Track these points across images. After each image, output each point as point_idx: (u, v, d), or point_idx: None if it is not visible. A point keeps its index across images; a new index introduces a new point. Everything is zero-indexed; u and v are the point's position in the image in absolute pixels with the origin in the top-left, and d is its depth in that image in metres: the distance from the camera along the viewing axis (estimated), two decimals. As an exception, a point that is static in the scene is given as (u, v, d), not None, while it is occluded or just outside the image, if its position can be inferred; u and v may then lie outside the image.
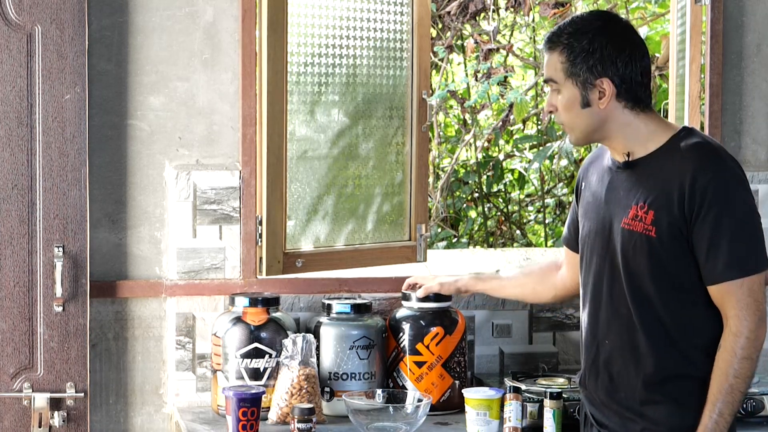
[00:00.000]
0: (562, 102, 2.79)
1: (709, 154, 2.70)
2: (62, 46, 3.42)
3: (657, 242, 2.70)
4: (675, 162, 2.71)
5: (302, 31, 3.65)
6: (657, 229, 2.70)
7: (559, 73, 2.78)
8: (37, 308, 3.45)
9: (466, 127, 6.78)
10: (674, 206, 2.68)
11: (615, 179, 2.84)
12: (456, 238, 6.87)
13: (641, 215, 2.73)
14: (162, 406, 3.62)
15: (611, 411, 2.83)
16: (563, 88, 2.78)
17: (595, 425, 2.88)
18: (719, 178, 2.66)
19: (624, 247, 2.76)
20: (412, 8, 3.85)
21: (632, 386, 2.78)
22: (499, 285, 3.43)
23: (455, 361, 3.49)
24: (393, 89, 3.86)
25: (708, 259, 2.66)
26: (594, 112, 2.77)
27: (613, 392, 2.82)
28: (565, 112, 2.80)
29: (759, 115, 3.86)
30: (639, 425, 2.77)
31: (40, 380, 3.46)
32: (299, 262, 3.64)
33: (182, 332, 3.59)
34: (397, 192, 3.89)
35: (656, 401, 2.75)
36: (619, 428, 2.81)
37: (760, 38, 3.85)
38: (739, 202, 2.67)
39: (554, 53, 2.79)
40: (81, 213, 3.45)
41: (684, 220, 2.67)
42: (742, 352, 2.64)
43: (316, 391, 3.33)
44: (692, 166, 2.67)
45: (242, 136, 3.59)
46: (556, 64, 2.78)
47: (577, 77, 2.76)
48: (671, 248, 2.70)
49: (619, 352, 2.80)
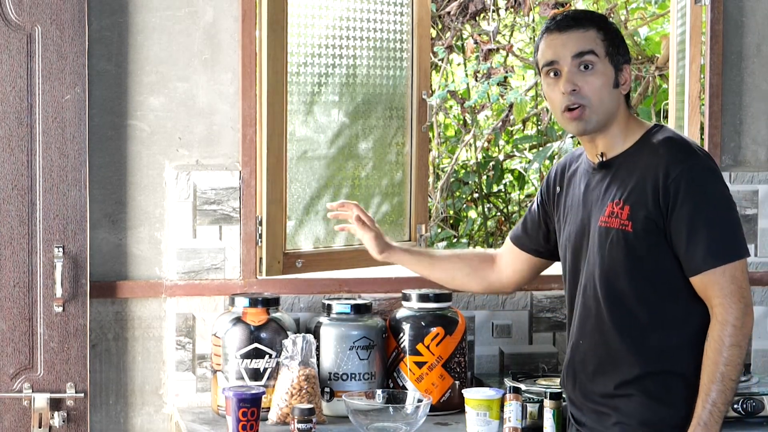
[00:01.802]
0: (598, 79, 2.75)
1: (679, 147, 2.72)
2: (62, 47, 3.42)
3: (633, 237, 2.71)
4: (648, 157, 2.73)
5: (302, 32, 3.65)
6: (633, 223, 2.71)
7: (600, 48, 2.76)
8: (37, 308, 3.45)
9: (466, 127, 6.78)
10: (649, 200, 2.69)
11: (591, 180, 2.85)
12: (456, 239, 6.87)
13: (617, 211, 2.74)
14: (162, 406, 3.62)
15: (588, 409, 2.84)
16: (601, 63, 2.76)
17: (575, 425, 2.89)
18: (691, 170, 2.67)
19: (600, 244, 2.76)
20: (412, 8, 3.85)
21: (607, 383, 2.79)
22: (429, 263, 3.27)
23: (455, 362, 3.49)
24: (393, 89, 3.86)
25: (687, 250, 2.67)
26: (618, 95, 2.79)
27: (589, 391, 2.83)
28: (599, 90, 2.76)
29: (759, 116, 3.86)
30: (612, 419, 2.78)
31: (40, 380, 3.46)
32: (299, 262, 3.64)
33: (182, 332, 3.59)
34: (397, 192, 3.89)
35: (629, 394, 2.77)
36: (595, 424, 2.82)
37: (760, 38, 3.85)
38: (713, 191, 2.69)
39: (590, 30, 2.77)
40: (81, 213, 3.45)
41: (660, 213, 2.68)
42: (730, 340, 2.64)
43: (316, 391, 3.33)
44: (664, 160, 2.69)
45: (242, 136, 3.59)
46: (596, 40, 2.76)
47: (613, 57, 2.77)
48: (647, 242, 2.70)
49: (593, 352, 2.81)
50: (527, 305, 3.80)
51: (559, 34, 2.79)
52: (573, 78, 2.76)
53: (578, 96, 2.76)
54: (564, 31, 2.78)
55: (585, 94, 2.76)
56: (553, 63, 2.78)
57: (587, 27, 2.77)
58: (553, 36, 2.80)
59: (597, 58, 2.76)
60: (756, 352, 3.87)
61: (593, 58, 2.76)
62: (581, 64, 2.76)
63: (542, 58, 2.82)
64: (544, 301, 3.81)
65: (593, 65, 2.76)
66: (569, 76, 2.76)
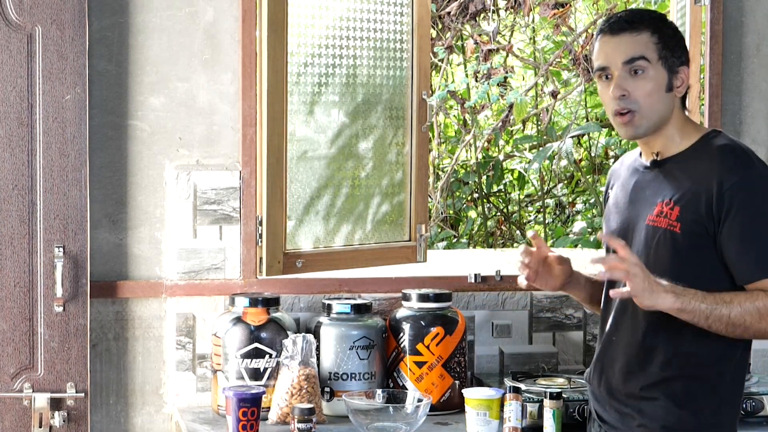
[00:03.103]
0: (649, 84, 2.71)
1: (736, 155, 2.69)
2: (62, 47, 3.43)
3: (681, 238, 2.68)
4: (703, 162, 2.70)
5: (302, 32, 3.65)
6: (682, 224, 2.68)
7: (652, 53, 2.71)
8: (37, 308, 3.45)
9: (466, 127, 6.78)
10: (701, 205, 2.66)
11: (641, 179, 2.82)
12: (456, 238, 6.88)
13: (666, 211, 2.71)
14: (162, 406, 3.62)
15: (611, 407, 2.83)
16: (653, 68, 2.72)
17: (597, 420, 2.88)
18: (747, 180, 2.64)
19: (647, 242, 2.73)
20: (412, 8, 3.86)
21: (634, 383, 2.77)
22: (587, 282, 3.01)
23: (455, 361, 3.50)
24: (393, 89, 3.86)
25: (739, 259, 2.65)
26: (671, 98, 2.75)
27: (615, 389, 2.81)
28: (649, 95, 2.72)
29: (759, 116, 3.86)
30: (636, 421, 2.77)
31: (40, 380, 3.46)
32: (299, 262, 3.64)
33: (182, 332, 3.59)
34: (397, 192, 3.89)
35: (654, 398, 2.75)
36: (618, 423, 2.81)
37: (760, 38, 3.85)
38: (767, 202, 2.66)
39: (643, 33, 2.72)
40: (81, 213, 3.46)
41: (711, 220, 2.65)
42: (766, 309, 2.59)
43: (316, 391, 3.33)
44: (720, 167, 2.66)
45: (242, 136, 3.60)
46: (648, 44, 2.72)
47: (667, 60, 2.72)
48: (694, 245, 2.68)
49: (624, 350, 2.79)
50: (527, 305, 3.80)
51: (611, 37, 2.74)
52: (623, 83, 2.73)
53: (628, 101, 2.73)
54: (616, 34, 2.74)
55: (635, 99, 2.72)
56: (605, 68, 2.75)
57: (640, 30, 2.72)
58: (605, 39, 2.75)
59: (648, 64, 2.71)
60: (756, 352, 3.86)
61: (644, 64, 2.71)
62: (632, 70, 2.72)
63: (595, 61, 2.79)
64: (544, 301, 3.81)
65: (644, 70, 2.72)
66: (619, 81, 2.73)
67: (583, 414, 3.30)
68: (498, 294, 3.76)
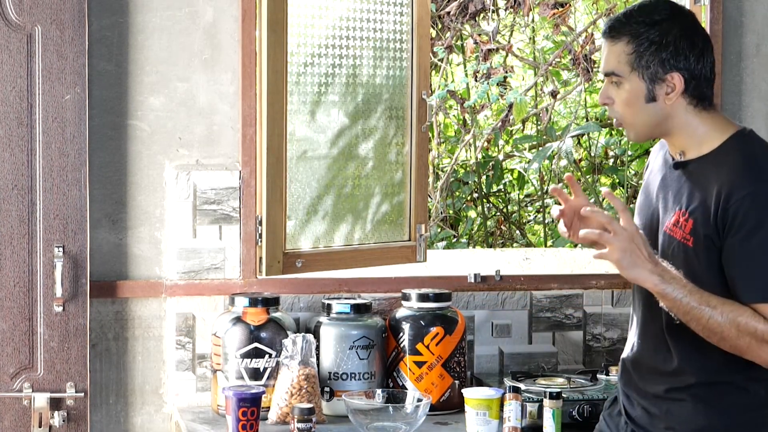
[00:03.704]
0: (624, 96, 2.65)
1: (752, 166, 2.58)
2: (62, 47, 3.43)
3: (693, 252, 2.61)
4: (721, 171, 2.59)
5: (302, 31, 3.65)
6: (694, 239, 2.60)
7: (623, 66, 2.64)
8: (37, 308, 3.45)
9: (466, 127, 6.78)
10: (710, 217, 2.58)
11: (667, 177, 2.74)
12: (456, 238, 6.88)
13: (682, 222, 2.64)
14: (162, 406, 3.62)
15: (639, 406, 2.80)
16: (627, 81, 2.64)
17: (625, 416, 2.85)
18: (756, 194, 2.53)
19: (663, 251, 2.68)
20: (412, 8, 3.86)
21: (658, 385, 2.74)
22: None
23: (455, 361, 3.50)
24: (393, 89, 3.86)
25: (737, 278, 2.56)
26: (659, 107, 2.65)
27: (641, 389, 2.79)
28: (626, 107, 2.66)
29: (759, 116, 3.86)
30: (663, 423, 2.74)
31: (40, 380, 3.46)
32: (299, 262, 3.64)
33: (182, 332, 3.59)
34: (396, 192, 3.89)
35: (681, 399, 2.71)
36: (645, 423, 2.78)
37: (760, 38, 3.85)
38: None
39: (618, 43, 2.64)
40: (81, 213, 3.46)
41: (717, 233, 2.57)
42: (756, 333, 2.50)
43: (316, 391, 3.33)
44: (733, 177, 2.56)
45: (242, 136, 3.60)
46: (620, 56, 2.64)
47: (646, 70, 2.63)
48: (706, 260, 2.60)
49: (650, 356, 2.76)
50: (527, 305, 3.80)
51: (603, 43, 2.69)
52: (605, 91, 2.69)
53: (611, 110, 2.70)
54: (604, 39, 2.69)
55: (616, 109, 2.69)
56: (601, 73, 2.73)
57: (618, 39, 2.65)
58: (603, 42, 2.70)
59: (621, 78, 2.65)
60: (755, 351, 3.87)
61: (617, 78, 2.66)
62: (611, 80, 2.68)
63: None
64: (544, 301, 3.82)
65: (620, 82, 2.66)
66: (603, 90, 2.70)
67: (583, 414, 3.31)
68: (498, 294, 3.76)
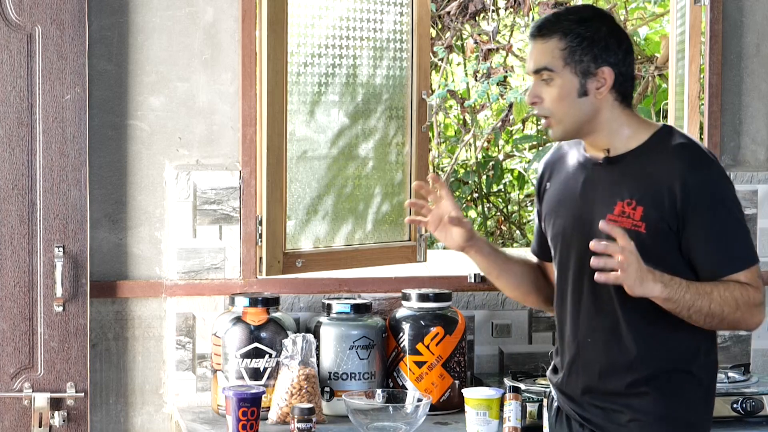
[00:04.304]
0: (556, 91, 2.72)
1: (696, 153, 2.71)
2: (62, 47, 3.43)
3: (647, 237, 2.68)
4: (662, 160, 2.70)
5: (302, 31, 3.65)
6: (647, 224, 2.69)
7: (557, 61, 2.72)
8: (37, 308, 3.45)
9: (466, 127, 6.78)
10: (665, 204, 2.67)
11: (593, 175, 2.81)
12: (456, 238, 6.87)
13: (628, 211, 2.71)
14: (162, 406, 3.62)
15: (593, 406, 2.81)
16: (559, 77, 2.72)
17: (577, 420, 2.86)
18: (710, 178, 2.68)
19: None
20: (412, 8, 3.86)
21: (617, 381, 2.77)
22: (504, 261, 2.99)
23: (455, 361, 3.50)
24: (393, 89, 3.86)
25: (709, 255, 2.68)
26: (589, 102, 2.73)
27: (598, 386, 2.80)
28: (558, 102, 2.73)
29: (758, 116, 3.86)
30: (626, 416, 2.76)
31: (40, 380, 3.47)
32: (299, 262, 3.64)
33: (182, 332, 3.59)
34: (396, 192, 3.89)
35: (642, 392, 2.75)
36: (604, 422, 2.79)
37: (760, 38, 3.85)
38: (730, 198, 2.70)
39: (551, 40, 2.72)
40: (81, 213, 3.46)
41: (676, 218, 2.66)
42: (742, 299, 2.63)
43: (316, 391, 3.33)
44: (682, 165, 2.67)
45: (242, 136, 3.60)
46: (554, 51, 2.72)
47: (578, 64, 2.71)
48: (660, 244, 2.69)
49: (603, 349, 2.78)
50: (527, 305, 3.79)
51: (531, 43, 2.78)
52: (535, 90, 2.76)
53: (541, 108, 2.76)
54: (532, 39, 2.77)
55: (545, 106, 2.76)
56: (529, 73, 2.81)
57: (549, 37, 2.73)
58: (529, 44, 2.80)
59: (553, 73, 2.73)
60: (756, 352, 3.87)
61: (549, 74, 2.73)
62: (541, 77, 2.75)
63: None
64: (544, 301, 3.81)
65: (551, 79, 2.73)
66: (532, 89, 2.77)
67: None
68: (498, 294, 3.76)
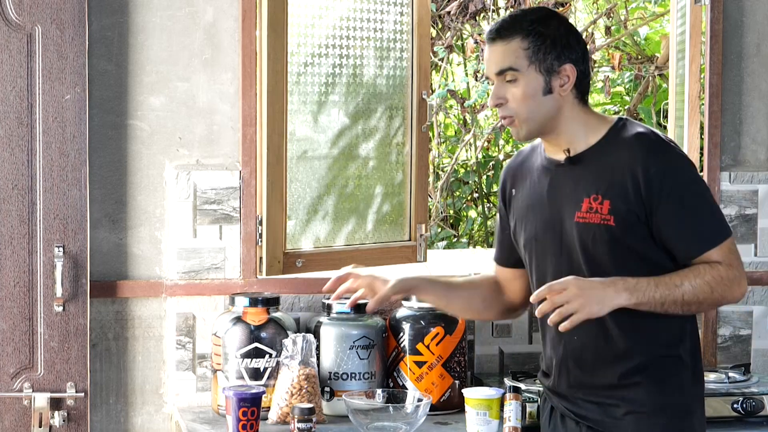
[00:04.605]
0: (521, 91, 2.74)
1: (653, 140, 2.73)
2: (62, 46, 3.43)
3: (617, 230, 2.71)
4: (621, 152, 2.73)
5: (302, 31, 3.65)
6: (615, 217, 2.71)
7: (521, 60, 2.74)
8: (37, 308, 3.45)
9: (466, 127, 6.78)
10: (630, 194, 2.69)
11: (557, 177, 2.82)
12: (456, 238, 6.88)
13: (596, 206, 2.73)
14: (162, 405, 3.62)
15: (587, 402, 2.81)
16: (524, 76, 2.74)
17: (572, 417, 2.86)
18: (670, 161, 2.71)
19: (582, 240, 2.75)
20: (412, 8, 3.86)
21: (609, 374, 2.78)
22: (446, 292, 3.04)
23: (455, 361, 3.50)
24: (393, 89, 3.86)
25: (681, 237, 2.70)
26: (554, 99, 2.76)
27: (587, 384, 2.81)
28: (523, 102, 2.75)
29: (759, 115, 3.86)
30: (622, 409, 2.77)
31: (40, 380, 3.47)
32: (299, 262, 3.64)
33: (182, 332, 3.59)
34: (397, 192, 3.89)
35: (636, 383, 2.76)
36: (600, 416, 2.80)
37: (760, 38, 3.85)
38: (693, 179, 2.74)
39: (513, 40, 2.75)
40: (81, 213, 3.46)
41: (642, 206, 2.69)
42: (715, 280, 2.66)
43: (316, 391, 3.33)
44: (641, 153, 2.70)
45: (242, 136, 3.60)
46: (518, 51, 2.74)
47: (542, 62, 2.74)
48: (631, 234, 2.71)
49: (591, 345, 2.79)
50: (527, 305, 3.79)
51: (488, 46, 2.80)
52: (498, 92, 2.78)
53: (506, 109, 2.78)
54: (491, 42, 2.79)
55: (511, 107, 2.77)
56: (487, 78, 2.82)
57: (510, 38, 2.75)
58: (486, 47, 2.81)
59: (518, 72, 2.75)
60: (756, 351, 3.87)
61: (514, 74, 2.75)
62: (505, 78, 2.76)
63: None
64: (544, 301, 3.81)
65: (516, 79, 2.75)
66: (495, 90, 2.78)
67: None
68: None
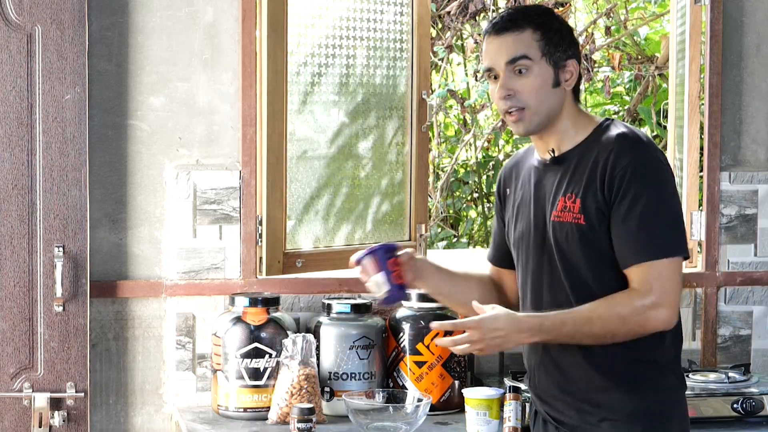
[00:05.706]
0: (532, 82, 2.74)
1: (627, 139, 2.71)
2: (62, 46, 3.43)
3: (587, 228, 2.70)
4: (599, 151, 2.72)
5: (302, 31, 3.65)
6: (585, 215, 2.70)
7: (534, 51, 2.74)
8: (37, 308, 3.45)
9: (466, 127, 6.78)
10: (597, 190, 2.69)
11: (542, 176, 2.83)
12: (456, 238, 6.88)
13: (569, 205, 2.73)
14: (162, 405, 3.62)
15: (566, 405, 2.80)
16: (537, 66, 2.74)
17: (552, 422, 2.85)
18: (636, 162, 2.67)
19: (557, 239, 2.75)
20: (412, 8, 3.86)
21: (585, 377, 2.76)
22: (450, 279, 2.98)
23: (455, 361, 3.50)
24: (393, 89, 3.86)
25: (619, 242, 2.67)
26: (560, 93, 2.76)
27: (566, 386, 2.79)
28: (535, 92, 2.74)
29: (758, 115, 3.86)
30: (596, 416, 2.75)
31: (40, 380, 3.47)
32: (299, 262, 3.64)
33: (182, 332, 3.59)
34: (396, 192, 3.89)
35: (609, 388, 2.74)
36: (577, 422, 2.79)
37: (760, 38, 3.85)
38: (656, 186, 2.68)
39: (525, 31, 2.74)
40: (81, 213, 3.46)
41: (606, 204, 2.68)
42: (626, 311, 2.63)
43: (316, 391, 3.33)
44: (614, 152, 2.68)
45: (242, 136, 3.60)
46: (530, 42, 2.74)
47: (552, 56, 2.74)
48: (601, 233, 2.69)
49: (567, 349, 2.77)
50: (527, 305, 3.79)
51: (495, 38, 2.77)
52: (508, 83, 2.75)
53: (515, 100, 2.75)
54: (499, 34, 2.77)
55: (522, 98, 2.75)
56: (491, 69, 2.78)
57: (522, 28, 2.75)
58: (490, 39, 2.79)
59: (531, 62, 2.74)
60: (756, 352, 3.87)
61: (527, 62, 2.74)
62: (516, 69, 2.75)
63: (482, 62, 2.82)
64: (544, 301, 3.81)
65: (528, 69, 2.74)
66: (504, 81, 2.75)
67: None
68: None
